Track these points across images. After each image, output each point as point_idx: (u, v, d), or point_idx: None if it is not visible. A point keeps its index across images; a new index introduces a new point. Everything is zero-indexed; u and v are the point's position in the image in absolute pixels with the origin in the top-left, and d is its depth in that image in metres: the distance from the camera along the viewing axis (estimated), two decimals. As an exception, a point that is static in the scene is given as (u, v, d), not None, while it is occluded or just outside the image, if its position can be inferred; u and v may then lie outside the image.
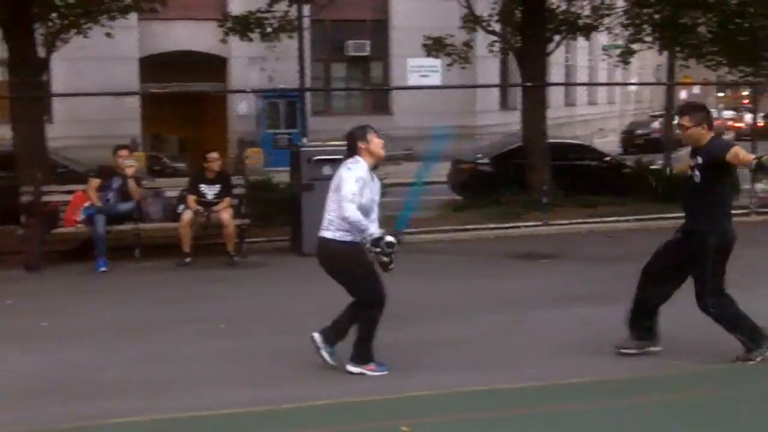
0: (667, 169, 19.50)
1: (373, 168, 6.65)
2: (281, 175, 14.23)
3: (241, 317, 8.52)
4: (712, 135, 6.91)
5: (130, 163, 11.65)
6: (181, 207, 11.72)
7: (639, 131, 37.60)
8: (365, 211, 6.43)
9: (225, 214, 11.41)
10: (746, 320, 6.75)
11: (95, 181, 11.68)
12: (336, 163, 11.56)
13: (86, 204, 11.49)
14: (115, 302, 9.35)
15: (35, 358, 7.21)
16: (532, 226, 14.11)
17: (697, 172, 6.78)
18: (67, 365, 6.97)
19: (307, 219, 11.79)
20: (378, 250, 6.36)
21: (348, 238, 6.48)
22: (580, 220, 14.43)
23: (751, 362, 6.68)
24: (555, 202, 15.18)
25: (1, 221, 12.40)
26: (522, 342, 7.49)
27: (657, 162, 20.90)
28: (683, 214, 7.05)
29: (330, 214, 6.53)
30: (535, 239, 13.24)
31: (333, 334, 6.73)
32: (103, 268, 11.03)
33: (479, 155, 18.86)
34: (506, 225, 14.06)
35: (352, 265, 6.55)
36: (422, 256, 12.04)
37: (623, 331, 7.57)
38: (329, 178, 11.53)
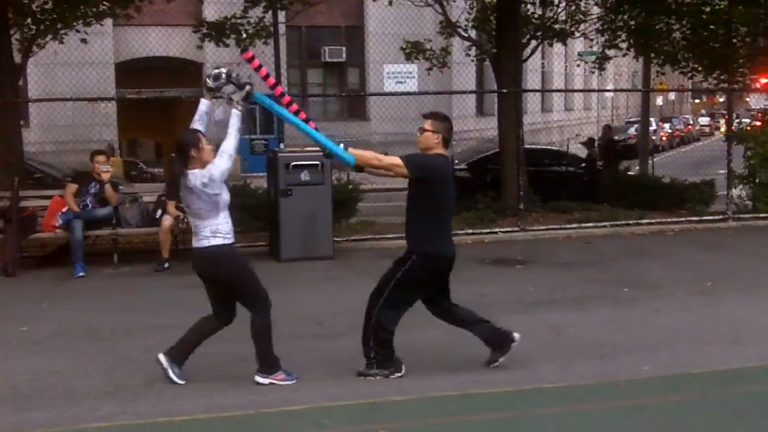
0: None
1: None
2: (258, 181, 14.26)
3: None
4: (439, 153, 6.64)
5: (107, 169, 11.64)
6: (160, 212, 11.74)
7: (615, 137, 37.78)
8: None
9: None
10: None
11: (72, 187, 11.67)
12: (313, 169, 11.81)
13: (64, 209, 11.49)
14: (91, 308, 9.32)
15: (11, 363, 7.21)
16: (509, 231, 14.17)
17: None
18: (43, 371, 6.95)
19: (284, 225, 11.86)
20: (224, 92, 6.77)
21: (225, 241, 6.41)
22: (556, 226, 14.48)
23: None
24: (531, 208, 15.28)
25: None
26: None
27: (633, 168, 21.05)
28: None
29: (201, 224, 6.42)
30: (511, 245, 13.31)
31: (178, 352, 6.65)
32: (80, 273, 11.04)
33: (456, 161, 18.92)
34: (482, 230, 14.12)
35: (237, 269, 6.51)
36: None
37: (594, 337, 7.67)
38: (307, 183, 11.86)
